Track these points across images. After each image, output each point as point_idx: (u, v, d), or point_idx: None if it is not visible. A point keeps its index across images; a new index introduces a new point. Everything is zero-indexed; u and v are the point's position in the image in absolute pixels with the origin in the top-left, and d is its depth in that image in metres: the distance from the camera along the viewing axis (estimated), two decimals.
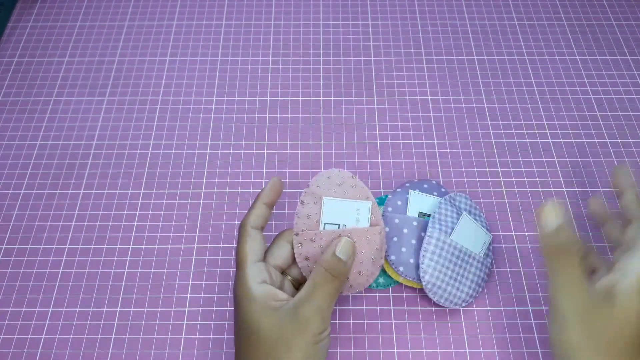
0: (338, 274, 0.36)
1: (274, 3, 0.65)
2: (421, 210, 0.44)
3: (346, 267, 0.36)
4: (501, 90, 0.57)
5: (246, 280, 0.36)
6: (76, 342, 0.42)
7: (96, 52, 0.60)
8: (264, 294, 0.35)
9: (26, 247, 0.47)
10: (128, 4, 0.65)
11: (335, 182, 0.39)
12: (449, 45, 0.61)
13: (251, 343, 0.35)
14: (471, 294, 0.43)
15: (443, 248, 0.42)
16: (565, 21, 0.63)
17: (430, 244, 0.41)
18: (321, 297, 0.35)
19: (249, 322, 0.35)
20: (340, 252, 0.36)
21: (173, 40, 0.61)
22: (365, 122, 0.54)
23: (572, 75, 0.58)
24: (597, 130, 0.54)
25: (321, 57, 0.59)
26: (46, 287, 0.45)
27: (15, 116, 0.55)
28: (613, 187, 0.41)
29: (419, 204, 0.44)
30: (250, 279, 0.36)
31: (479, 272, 0.43)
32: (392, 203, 0.44)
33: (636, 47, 0.60)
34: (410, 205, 0.44)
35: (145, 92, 0.57)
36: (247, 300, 0.35)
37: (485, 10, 0.64)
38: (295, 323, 0.34)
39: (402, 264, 0.42)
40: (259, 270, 0.37)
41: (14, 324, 0.43)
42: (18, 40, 0.61)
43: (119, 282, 0.45)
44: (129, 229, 0.48)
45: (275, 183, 0.40)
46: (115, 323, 0.43)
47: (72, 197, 0.50)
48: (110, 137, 0.54)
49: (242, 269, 0.37)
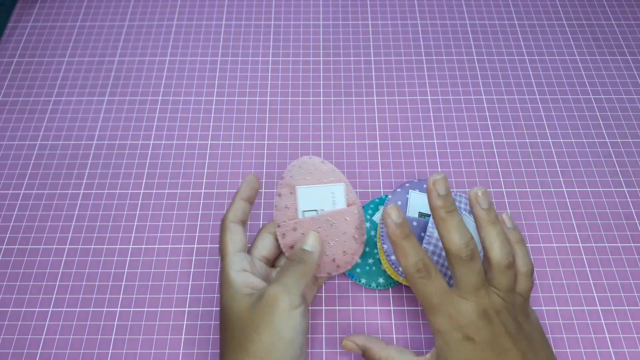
0: (302, 259, 0.38)
1: (274, 3, 0.65)
2: (421, 211, 0.44)
3: (312, 255, 0.38)
4: (501, 91, 0.57)
5: (225, 268, 0.38)
6: (76, 342, 0.42)
7: (96, 52, 0.60)
8: (241, 280, 0.37)
9: (26, 247, 0.47)
10: (128, 4, 0.65)
11: (307, 170, 0.41)
12: (449, 45, 0.61)
13: (226, 327, 0.36)
14: None
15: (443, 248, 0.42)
16: (565, 21, 0.63)
17: (430, 244, 0.41)
18: (287, 276, 0.36)
19: (224, 307, 0.37)
20: (307, 246, 0.38)
21: (173, 40, 0.61)
22: (365, 122, 0.54)
23: (572, 75, 0.58)
24: (597, 130, 0.54)
25: (321, 57, 0.59)
26: (46, 288, 0.45)
27: (15, 116, 0.55)
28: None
29: (419, 204, 0.44)
30: (229, 267, 0.38)
31: None
32: (392, 203, 0.44)
33: (636, 47, 0.60)
34: (410, 206, 0.44)
35: (145, 92, 0.57)
36: (224, 287, 0.37)
37: (485, 10, 0.64)
38: (263, 303, 0.35)
39: None
40: (239, 259, 0.39)
41: (14, 324, 0.43)
42: (18, 41, 0.61)
43: (119, 282, 0.45)
44: (129, 229, 0.48)
45: (251, 180, 0.42)
46: (115, 323, 0.43)
47: (72, 197, 0.50)
48: (110, 137, 0.54)
49: (223, 259, 0.39)
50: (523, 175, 0.51)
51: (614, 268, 0.46)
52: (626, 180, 0.51)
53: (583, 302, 0.44)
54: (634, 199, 0.49)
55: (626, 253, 0.47)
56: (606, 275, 0.45)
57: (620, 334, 0.43)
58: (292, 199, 0.40)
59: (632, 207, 0.49)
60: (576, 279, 0.45)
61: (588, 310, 0.44)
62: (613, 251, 0.47)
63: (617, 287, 0.45)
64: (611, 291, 0.45)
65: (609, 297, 0.44)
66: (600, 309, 0.44)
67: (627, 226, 0.48)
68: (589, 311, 0.44)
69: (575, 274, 0.46)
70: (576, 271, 0.46)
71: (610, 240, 0.47)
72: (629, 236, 0.47)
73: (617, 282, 0.45)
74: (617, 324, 0.43)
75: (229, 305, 0.36)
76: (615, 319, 0.43)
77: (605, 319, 0.43)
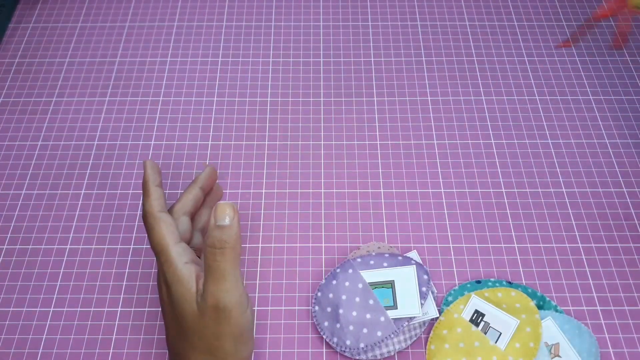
0: (224, 243, 0.33)
1: (274, 3, 0.65)
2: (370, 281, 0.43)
3: (232, 231, 0.34)
4: (501, 91, 0.57)
5: (171, 262, 0.35)
6: (77, 342, 0.42)
7: (97, 53, 0.60)
8: (189, 275, 0.35)
9: (27, 247, 0.47)
10: (128, 5, 0.65)
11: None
12: (449, 46, 0.61)
13: (181, 326, 0.35)
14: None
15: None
16: (564, 22, 0.63)
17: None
18: (222, 279, 0.34)
19: (176, 305, 0.35)
20: (219, 220, 0.34)
21: (174, 41, 0.61)
22: (365, 123, 0.54)
23: (571, 75, 0.58)
24: (596, 130, 0.54)
25: (321, 58, 0.60)
26: (47, 288, 0.45)
27: (17, 117, 0.55)
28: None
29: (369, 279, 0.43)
30: (176, 260, 0.35)
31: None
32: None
33: (635, 48, 0.61)
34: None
35: (146, 92, 0.57)
36: (174, 283, 0.35)
37: (485, 11, 0.64)
38: (214, 312, 0.34)
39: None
40: (183, 250, 0.36)
41: (15, 324, 0.43)
42: (19, 42, 0.61)
43: (120, 283, 0.45)
44: (130, 229, 0.48)
45: (149, 163, 0.39)
46: (117, 323, 0.43)
47: (73, 197, 0.50)
48: (111, 137, 0.54)
49: (167, 252, 0.35)
50: (523, 175, 0.51)
51: (614, 268, 0.46)
52: (625, 181, 0.51)
53: (583, 302, 0.44)
54: (633, 200, 0.50)
55: (625, 253, 0.47)
56: (606, 276, 0.46)
57: (620, 334, 0.43)
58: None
59: (632, 208, 0.49)
60: (576, 279, 0.45)
61: (588, 311, 0.44)
62: (613, 251, 0.47)
63: (616, 287, 0.45)
64: (611, 291, 0.45)
65: (608, 297, 0.45)
66: (600, 309, 0.44)
67: (627, 226, 0.48)
68: (588, 311, 0.44)
69: (575, 274, 0.46)
70: (576, 271, 0.46)
71: (610, 241, 0.47)
72: (628, 236, 0.47)
73: (616, 282, 0.45)
74: (617, 324, 0.43)
75: (180, 305, 0.35)
76: (615, 319, 0.44)
77: (605, 319, 0.44)
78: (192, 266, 0.35)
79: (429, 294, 0.42)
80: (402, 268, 0.42)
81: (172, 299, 0.35)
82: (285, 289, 0.45)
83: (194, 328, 0.35)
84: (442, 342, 0.41)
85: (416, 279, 0.42)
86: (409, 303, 0.41)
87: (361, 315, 0.40)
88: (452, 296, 0.43)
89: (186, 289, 0.34)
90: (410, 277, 0.42)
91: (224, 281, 0.33)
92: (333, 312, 0.41)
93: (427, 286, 0.42)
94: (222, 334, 0.34)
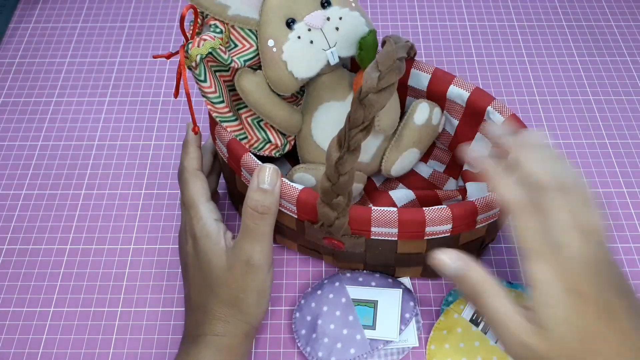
0: (266, 209, 0.35)
1: None
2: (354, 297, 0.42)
3: (273, 197, 0.35)
4: (501, 91, 0.57)
5: (201, 217, 0.37)
6: (77, 342, 0.42)
7: (97, 53, 0.60)
8: (218, 231, 0.37)
9: (27, 247, 0.47)
10: (129, 5, 0.65)
11: None
12: (449, 46, 0.61)
13: (205, 278, 0.37)
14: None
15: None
16: (565, 22, 0.63)
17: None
18: (258, 240, 0.35)
19: (202, 257, 0.37)
20: (262, 182, 0.35)
21: (173, 41, 0.61)
22: None
23: (571, 75, 0.58)
24: (596, 130, 0.54)
25: None
26: (47, 288, 0.45)
27: (17, 117, 0.55)
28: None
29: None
30: (205, 216, 0.37)
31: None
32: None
33: (636, 48, 0.61)
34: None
35: (146, 93, 0.57)
36: (202, 237, 0.37)
37: (485, 11, 0.64)
38: (245, 267, 0.35)
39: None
40: (212, 208, 0.38)
41: (15, 324, 0.43)
42: (19, 42, 0.61)
43: (120, 282, 0.45)
44: (131, 229, 0.48)
45: (191, 125, 0.41)
46: (117, 323, 0.43)
47: (73, 197, 0.50)
48: (111, 137, 0.54)
49: (196, 208, 0.38)
50: None
51: None
52: (626, 181, 0.51)
53: None
54: (633, 200, 0.50)
55: (625, 253, 0.47)
56: None
57: None
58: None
59: (632, 208, 0.49)
60: None
61: None
62: (613, 251, 0.47)
63: None
64: None
65: None
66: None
67: (627, 226, 0.48)
68: None
69: None
70: None
71: (610, 241, 0.47)
72: (628, 236, 0.47)
73: None
74: None
75: (208, 258, 0.36)
76: None
77: None
78: (221, 224, 0.38)
79: (411, 321, 0.41)
80: (388, 290, 0.42)
81: (197, 251, 0.37)
82: (285, 289, 0.45)
83: (220, 280, 0.36)
84: (442, 342, 0.41)
85: (400, 304, 0.41)
86: (387, 326, 0.40)
87: (338, 330, 0.40)
88: (452, 296, 0.43)
89: (214, 243, 0.36)
90: (394, 301, 0.41)
91: (259, 242, 0.36)
92: (312, 321, 0.41)
93: (412, 313, 0.41)
94: (248, 288, 0.36)
